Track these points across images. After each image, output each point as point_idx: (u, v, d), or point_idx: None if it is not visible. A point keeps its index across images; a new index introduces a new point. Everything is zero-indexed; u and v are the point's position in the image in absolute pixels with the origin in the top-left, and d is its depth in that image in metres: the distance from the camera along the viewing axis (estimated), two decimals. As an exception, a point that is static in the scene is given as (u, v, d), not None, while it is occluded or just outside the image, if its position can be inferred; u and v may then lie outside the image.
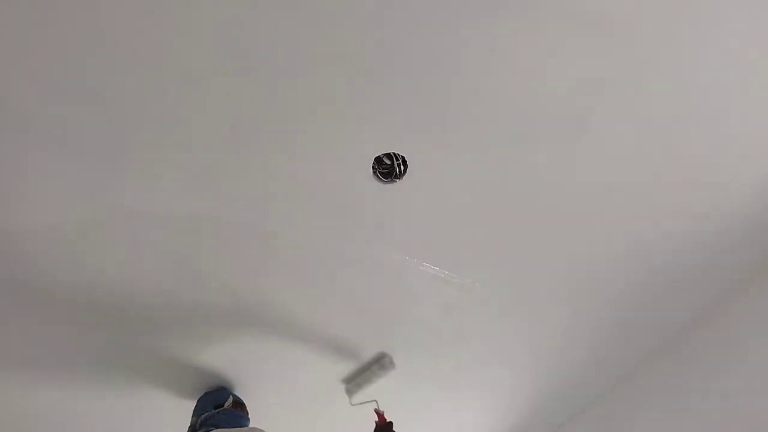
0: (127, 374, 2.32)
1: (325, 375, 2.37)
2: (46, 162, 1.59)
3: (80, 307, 2.00)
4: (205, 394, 2.31)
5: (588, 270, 1.99)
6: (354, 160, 1.64)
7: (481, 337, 2.23)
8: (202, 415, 2.11)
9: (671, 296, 2.09)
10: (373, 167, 1.66)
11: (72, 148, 1.56)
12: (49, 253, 1.81)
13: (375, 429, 2.03)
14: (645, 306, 2.13)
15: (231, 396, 2.24)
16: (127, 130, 1.54)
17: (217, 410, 2.14)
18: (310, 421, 2.61)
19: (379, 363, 2.30)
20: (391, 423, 2.04)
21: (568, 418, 2.63)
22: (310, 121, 1.54)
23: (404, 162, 1.65)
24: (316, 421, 2.62)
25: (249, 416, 2.26)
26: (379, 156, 1.64)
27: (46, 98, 1.45)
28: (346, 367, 2.35)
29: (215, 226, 1.78)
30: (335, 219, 1.80)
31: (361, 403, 2.27)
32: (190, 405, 2.31)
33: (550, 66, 1.44)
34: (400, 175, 1.67)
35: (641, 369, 2.36)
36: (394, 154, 1.63)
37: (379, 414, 2.08)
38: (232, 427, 2.04)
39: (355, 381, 2.35)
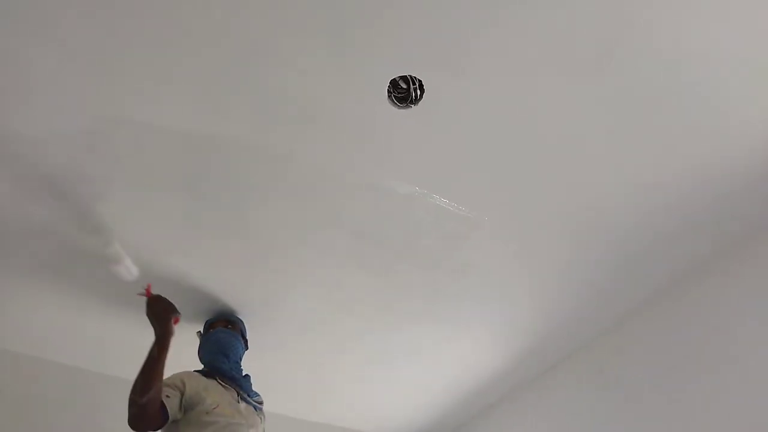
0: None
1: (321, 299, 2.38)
2: (49, 63, 1.54)
3: (87, 221, 1.98)
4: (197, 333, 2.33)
5: (594, 210, 1.98)
6: (369, 81, 1.59)
7: (483, 274, 2.23)
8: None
9: (673, 242, 2.09)
10: (388, 90, 1.61)
11: (77, 50, 1.51)
12: (54, 163, 1.78)
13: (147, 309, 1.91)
14: (647, 250, 2.12)
15: (206, 322, 2.28)
16: (140, 42, 1.49)
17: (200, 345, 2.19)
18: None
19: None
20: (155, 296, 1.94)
21: (562, 359, 2.67)
22: (323, 36, 1.49)
23: (421, 87, 1.60)
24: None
25: (234, 326, 2.27)
26: (395, 79, 1.59)
27: (63, 3, 1.39)
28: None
29: (224, 145, 1.75)
30: (346, 143, 1.76)
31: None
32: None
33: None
34: (416, 100, 1.62)
35: (637, 315, 2.38)
36: (411, 77, 1.58)
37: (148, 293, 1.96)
38: (206, 352, 2.12)
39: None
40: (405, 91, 1.61)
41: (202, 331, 2.27)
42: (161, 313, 1.89)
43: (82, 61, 1.53)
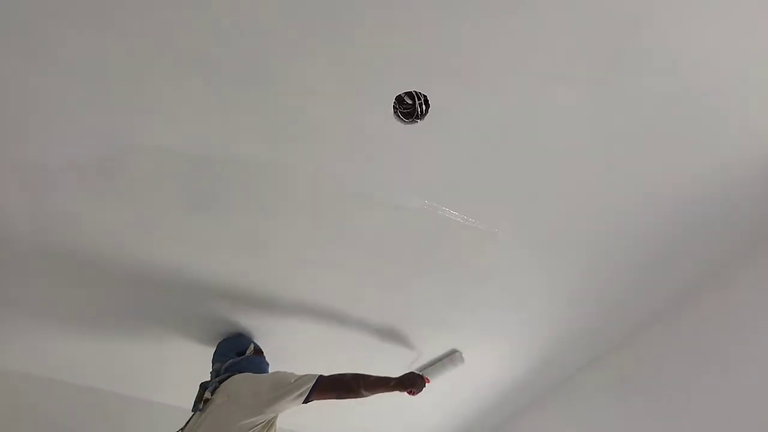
0: (149, 326, 2.38)
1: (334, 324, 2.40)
2: (66, 94, 1.58)
3: (104, 250, 2.02)
4: (224, 340, 2.36)
5: (608, 217, 1.96)
6: (374, 98, 1.61)
7: (501, 283, 2.22)
8: (226, 362, 2.17)
9: (690, 247, 2.06)
10: (394, 107, 1.62)
11: (93, 81, 1.55)
12: (71, 190, 1.83)
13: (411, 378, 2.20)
14: (664, 256, 2.10)
15: (252, 344, 2.29)
16: (148, 66, 1.52)
17: (240, 357, 2.20)
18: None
19: (450, 359, 2.50)
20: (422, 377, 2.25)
21: (582, 367, 2.64)
22: (328, 57, 1.51)
23: (426, 101, 1.61)
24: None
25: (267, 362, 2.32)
26: (400, 95, 1.60)
27: (67, 29, 1.43)
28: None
29: (235, 164, 1.78)
30: (354, 160, 1.78)
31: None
32: (210, 351, 2.37)
33: (582, 2, 1.38)
34: (422, 115, 1.63)
35: (654, 323, 2.34)
36: (416, 92, 1.59)
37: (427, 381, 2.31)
38: (256, 373, 2.11)
39: (425, 370, 2.52)
40: (410, 107, 1.62)
41: (253, 346, 2.28)
42: (412, 382, 2.20)
43: (94, 88, 1.57)
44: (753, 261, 2.04)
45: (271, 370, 2.28)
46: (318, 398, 1.96)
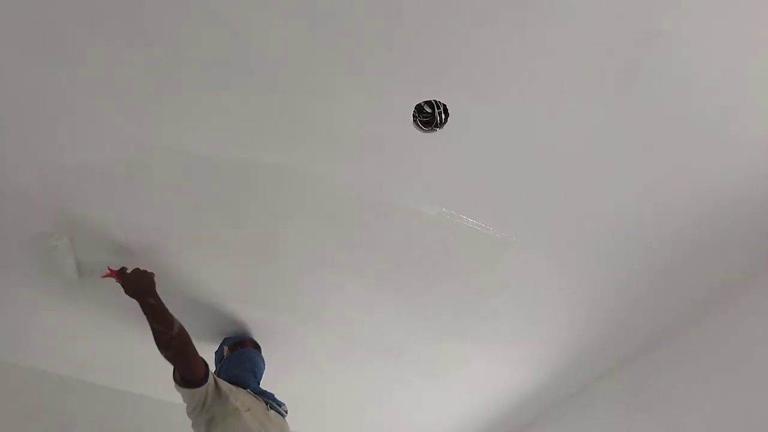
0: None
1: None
2: (92, 99, 1.62)
3: (125, 250, 2.06)
4: (215, 353, 2.36)
5: (623, 230, 1.96)
6: (394, 107, 1.62)
7: (517, 292, 2.22)
8: (214, 372, 2.16)
9: (708, 257, 2.05)
10: (413, 116, 1.64)
11: (117, 87, 1.59)
12: (94, 191, 1.86)
13: (125, 288, 1.95)
14: (680, 267, 2.09)
15: (225, 347, 2.30)
16: (171, 73, 1.56)
17: (220, 365, 2.23)
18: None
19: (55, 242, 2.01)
20: (124, 269, 1.99)
21: (596, 379, 2.63)
22: (349, 65, 1.53)
23: (446, 111, 1.62)
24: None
25: (258, 348, 2.33)
26: (419, 104, 1.61)
27: (94, 36, 1.47)
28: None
29: (254, 170, 1.80)
30: (373, 167, 1.80)
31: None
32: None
33: (598, 14, 1.39)
34: (441, 124, 1.65)
35: (672, 334, 2.33)
36: (435, 101, 1.60)
37: (111, 273, 2.00)
38: (234, 371, 2.14)
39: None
40: (430, 116, 1.64)
41: (226, 348, 2.29)
42: (141, 285, 1.95)
43: (118, 93, 1.61)
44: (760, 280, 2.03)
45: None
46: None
